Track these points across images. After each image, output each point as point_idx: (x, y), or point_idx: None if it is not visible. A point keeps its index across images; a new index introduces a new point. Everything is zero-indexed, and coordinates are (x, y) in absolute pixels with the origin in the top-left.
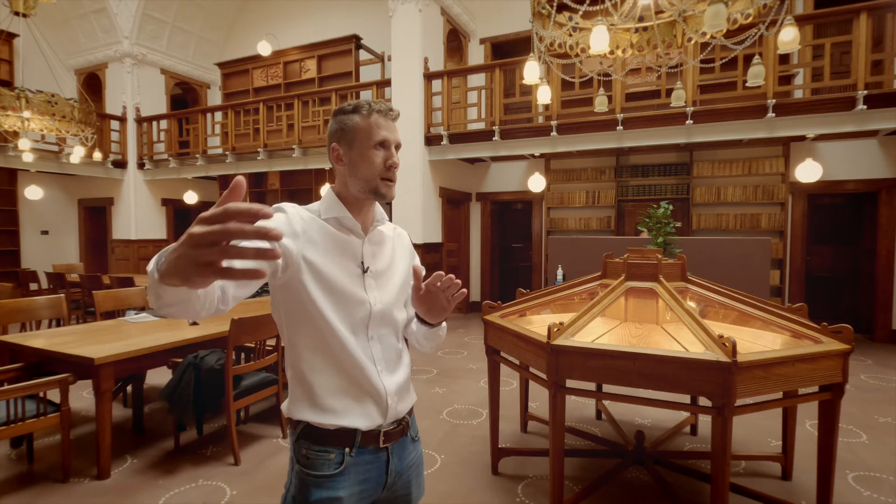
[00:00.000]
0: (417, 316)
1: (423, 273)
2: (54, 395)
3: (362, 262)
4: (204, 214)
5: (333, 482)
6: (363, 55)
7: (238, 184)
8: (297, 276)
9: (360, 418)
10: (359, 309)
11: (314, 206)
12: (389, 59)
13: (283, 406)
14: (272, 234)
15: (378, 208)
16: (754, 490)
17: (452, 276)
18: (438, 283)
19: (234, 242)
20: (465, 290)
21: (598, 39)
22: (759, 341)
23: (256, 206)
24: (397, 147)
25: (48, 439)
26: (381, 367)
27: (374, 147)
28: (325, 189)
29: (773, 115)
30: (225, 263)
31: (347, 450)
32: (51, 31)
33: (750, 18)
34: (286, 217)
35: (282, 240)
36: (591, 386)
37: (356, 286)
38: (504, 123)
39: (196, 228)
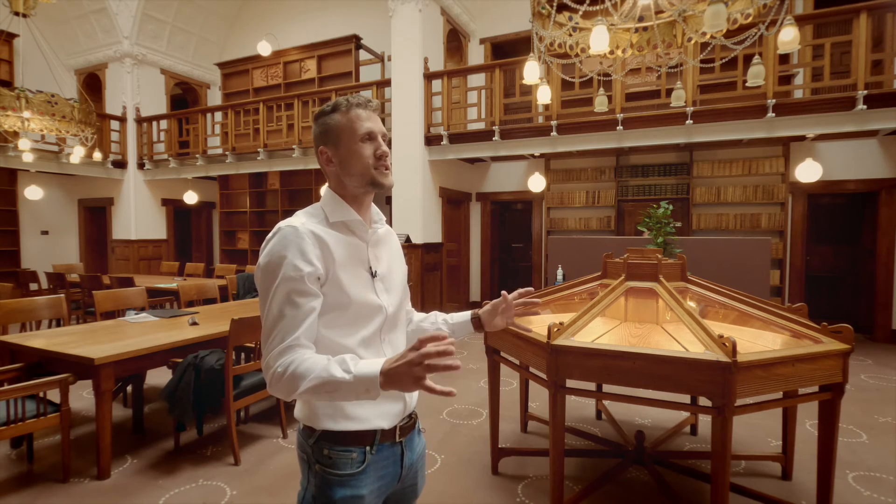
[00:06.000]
0: (473, 320)
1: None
2: (54, 395)
3: (370, 267)
4: (415, 358)
5: (356, 480)
6: (363, 55)
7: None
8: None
9: (382, 419)
10: (376, 316)
11: (317, 210)
12: (389, 59)
13: (299, 414)
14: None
15: (375, 209)
16: (754, 490)
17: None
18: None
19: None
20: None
21: (598, 39)
22: (759, 341)
23: (447, 350)
24: (384, 137)
25: (48, 439)
26: None
27: (360, 141)
28: (325, 190)
29: (773, 115)
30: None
31: (368, 448)
32: (51, 31)
33: (750, 18)
34: (301, 252)
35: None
36: (591, 386)
37: (370, 293)
38: (504, 123)
39: (416, 368)
